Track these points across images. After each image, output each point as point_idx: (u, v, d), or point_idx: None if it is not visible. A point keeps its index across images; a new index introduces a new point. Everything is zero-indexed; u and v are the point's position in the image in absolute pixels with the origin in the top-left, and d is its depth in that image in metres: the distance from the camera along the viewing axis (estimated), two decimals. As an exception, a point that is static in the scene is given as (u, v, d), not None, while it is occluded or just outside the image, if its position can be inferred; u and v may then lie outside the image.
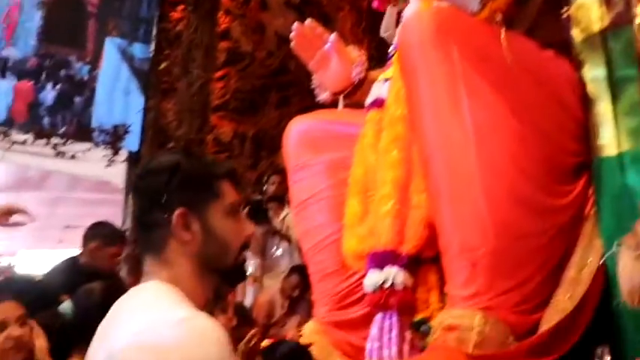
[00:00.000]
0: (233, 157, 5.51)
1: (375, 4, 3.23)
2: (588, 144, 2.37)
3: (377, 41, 3.61)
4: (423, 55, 2.32)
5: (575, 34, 2.49)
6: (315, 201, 3.11)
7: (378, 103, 3.01)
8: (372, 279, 2.55)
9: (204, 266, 1.11)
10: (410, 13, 2.38)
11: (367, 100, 3.14)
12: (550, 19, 2.59)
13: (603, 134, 2.35)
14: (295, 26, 3.21)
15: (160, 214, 1.10)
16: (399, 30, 2.53)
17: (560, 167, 2.28)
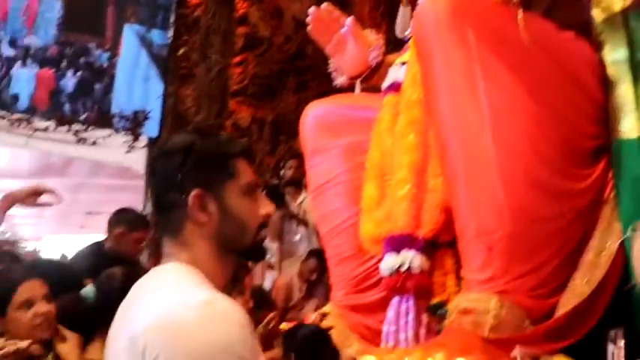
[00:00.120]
0: (251, 142, 5.52)
1: None
2: (608, 127, 2.33)
3: (395, 25, 3.56)
4: (438, 37, 2.30)
5: (596, 14, 2.44)
6: (332, 185, 3.11)
7: (395, 87, 2.99)
8: (389, 263, 2.55)
9: (222, 247, 1.10)
10: (425, -4, 2.36)
11: (384, 84, 3.12)
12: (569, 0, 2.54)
13: (623, 117, 2.30)
14: (312, 10, 3.19)
15: (176, 196, 1.09)
16: (415, 13, 2.51)
17: (578, 150, 2.25)
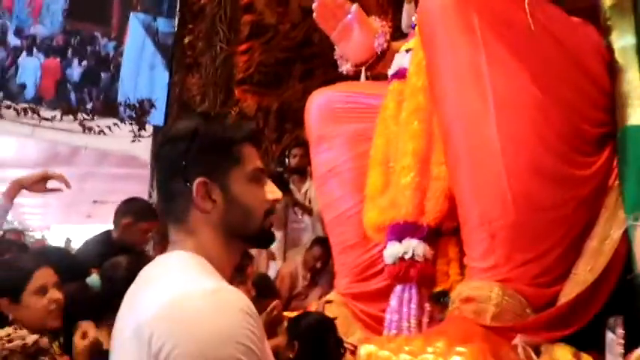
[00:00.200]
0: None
1: None
2: (613, 114, 2.31)
3: (402, 12, 3.53)
4: (443, 23, 2.27)
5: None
6: (336, 173, 3.11)
7: (400, 74, 2.97)
8: (392, 251, 2.55)
9: (228, 234, 1.08)
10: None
11: (389, 71, 3.10)
12: (577, -16, 2.51)
13: (630, 104, 2.28)
14: (317, -3, 3.18)
15: (181, 184, 1.07)
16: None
17: (583, 137, 2.22)
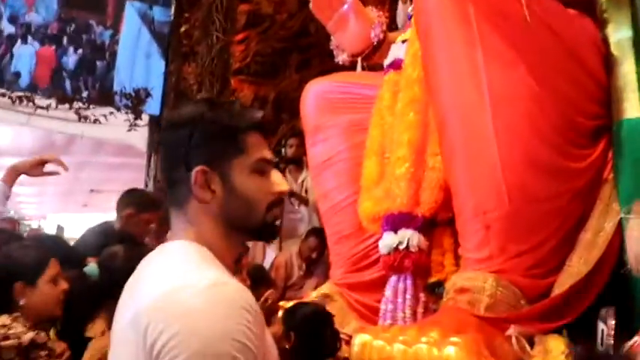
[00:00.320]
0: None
1: None
2: (609, 107, 2.31)
3: (398, 2, 3.51)
4: (439, 14, 2.27)
5: (601, -9, 2.41)
6: (332, 163, 3.11)
7: (396, 65, 2.97)
8: (387, 241, 2.56)
9: (228, 225, 1.04)
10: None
11: (385, 61, 3.10)
12: (574, -24, 2.50)
13: (626, 96, 2.28)
14: (313, -14, 3.16)
15: (182, 171, 1.03)
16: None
17: (578, 130, 2.23)
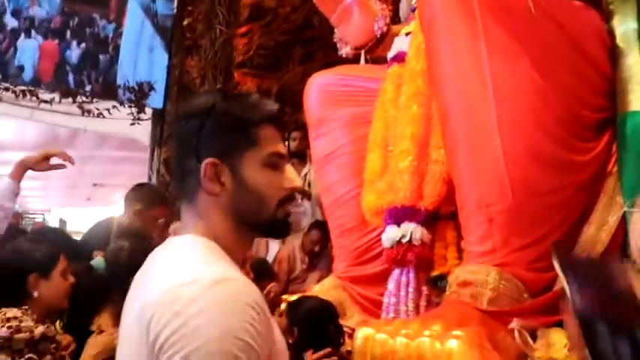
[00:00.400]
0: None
1: None
2: (614, 100, 2.29)
3: (402, -5, 3.49)
4: (442, 7, 2.25)
5: (606, -17, 2.39)
6: (335, 156, 3.10)
7: (400, 58, 2.95)
8: (390, 234, 2.55)
9: (238, 220, 1.02)
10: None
11: (389, 54, 3.08)
12: (579, -32, 2.48)
13: (631, 88, 2.26)
14: (316, -21, 3.15)
15: (193, 162, 1.01)
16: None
17: (582, 123, 2.21)
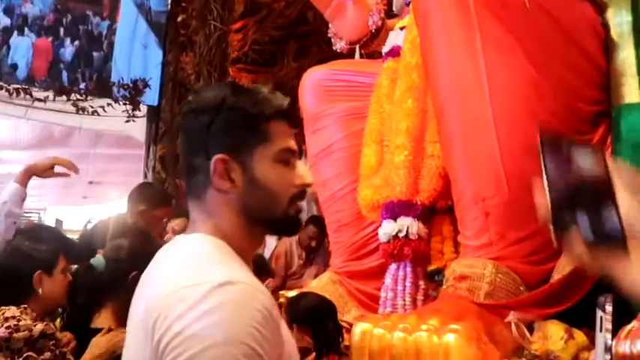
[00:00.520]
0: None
1: None
2: (608, 92, 2.30)
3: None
4: (437, 1, 2.25)
5: (601, -25, 2.39)
6: (331, 152, 3.10)
7: (394, 52, 2.95)
8: (387, 229, 2.55)
9: (248, 217, 1.00)
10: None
11: (384, 49, 3.08)
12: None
13: (625, 80, 2.27)
14: (310, -27, 3.14)
15: (202, 158, 0.99)
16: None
17: (578, 116, 2.21)
